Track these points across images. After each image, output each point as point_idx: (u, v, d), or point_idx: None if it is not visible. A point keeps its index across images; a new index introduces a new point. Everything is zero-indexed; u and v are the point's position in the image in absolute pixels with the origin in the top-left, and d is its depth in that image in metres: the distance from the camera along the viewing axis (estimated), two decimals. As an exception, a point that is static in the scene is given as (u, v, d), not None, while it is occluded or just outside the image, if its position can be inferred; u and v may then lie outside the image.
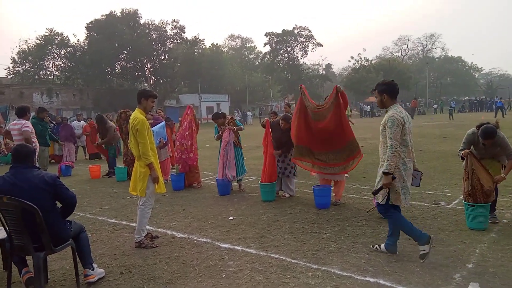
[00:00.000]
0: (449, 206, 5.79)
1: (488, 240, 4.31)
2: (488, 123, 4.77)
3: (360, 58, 60.08)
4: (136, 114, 4.56)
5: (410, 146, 3.96)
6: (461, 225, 4.83)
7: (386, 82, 4.15)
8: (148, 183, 4.54)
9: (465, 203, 4.79)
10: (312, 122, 6.18)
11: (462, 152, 4.87)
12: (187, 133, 7.96)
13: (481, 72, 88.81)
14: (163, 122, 8.03)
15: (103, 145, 10.25)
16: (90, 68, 47.83)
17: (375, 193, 3.98)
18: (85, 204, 6.92)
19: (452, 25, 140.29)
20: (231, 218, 5.65)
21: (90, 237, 4.05)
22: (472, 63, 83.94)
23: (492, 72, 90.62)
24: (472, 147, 4.96)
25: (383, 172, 3.82)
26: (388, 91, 4.01)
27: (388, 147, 3.81)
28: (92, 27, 49.11)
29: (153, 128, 6.35)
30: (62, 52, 49.68)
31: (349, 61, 62.29)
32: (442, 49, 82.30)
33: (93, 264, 3.70)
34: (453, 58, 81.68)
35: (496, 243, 4.22)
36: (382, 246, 4.13)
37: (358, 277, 3.55)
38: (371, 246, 4.26)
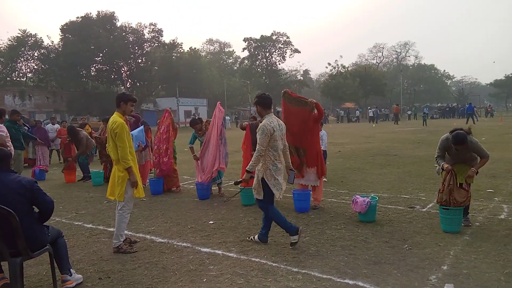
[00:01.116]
0: (424, 209, 5.95)
1: (462, 243, 4.45)
2: (461, 129, 4.95)
3: (337, 64, 61.11)
4: (115, 118, 4.53)
5: (280, 151, 4.53)
6: (435, 228, 4.97)
7: (259, 95, 4.71)
8: (126, 187, 4.49)
9: (439, 206, 4.94)
10: (293, 109, 6.18)
11: (444, 165, 4.98)
12: (164, 137, 7.90)
13: (453, 80, 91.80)
14: (142, 126, 7.95)
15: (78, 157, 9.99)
16: (65, 70, 46.73)
17: (236, 183, 4.90)
18: (61, 209, 6.75)
19: (425, 34, 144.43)
20: (211, 222, 5.64)
21: (67, 243, 3.96)
22: (444, 71, 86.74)
23: (464, 80, 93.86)
24: (446, 152, 5.13)
25: (246, 170, 4.50)
26: (261, 103, 4.59)
27: (256, 151, 4.44)
28: (67, 29, 48.09)
29: (132, 132, 6.27)
30: (36, 54, 48.42)
31: (326, 67, 63.33)
32: (416, 57, 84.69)
33: (71, 269, 3.63)
34: (426, 66, 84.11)
35: (470, 245, 4.37)
36: (256, 237, 4.71)
37: (338, 280, 3.61)
38: (247, 238, 4.82)
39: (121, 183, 4.46)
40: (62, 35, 48.54)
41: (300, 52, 62.21)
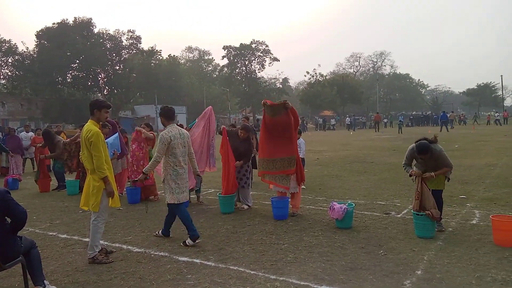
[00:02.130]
0: (399, 215, 6.07)
1: (435, 248, 4.57)
2: (425, 138, 5.10)
3: (315, 73, 61.97)
4: (90, 126, 4.41)
5: (181, 157, 4.97)
6: (410, 234, 5.09)
7: (163, 107, 5.30)
8: (102, 197, 4.39)
9: (413, 212, 5.06)
10: (269, 119, 6.25)
11: (412, 172, 5.20)
12: (140, 154, 7.80)
13: (427, 89, 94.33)
14: (117, 134, 7.83)
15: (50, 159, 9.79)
16: (40, 77, 45.75)
17: (133, 182, 5.81)
18: (34, 219, 6.58)
19: (400, 44, 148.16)
20: (189, 231, 5.60)
21: (41, 253, 3.86)
22: (419, 80, 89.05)
23: (437, 89, 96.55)
24: (415, 160, 5.30)
25: (142, 171, 5.17)
26: (163, 115, 5.15)
27: (153, 156, 5.00)
28: (42, 35, 47.23)
29: (107, 140, 6.17)
30: (10, 60, 47.23)
31: (305, 76, 64.10)
32: (391, 67, 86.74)
33: (44, 281, 3.54)
34: (401, 75, 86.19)
35: (443, 250, 4.49)
36: (160, 232, 5.33)
37: (315, 286, 3.64)
38: (154, 234, 5.42)
39: (96, 193, 4.36)
40: (37, 41, 47.63)
41: (279, 61, 62.91)
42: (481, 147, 16.56)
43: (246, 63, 62.16)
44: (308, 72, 62.47)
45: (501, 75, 78.81)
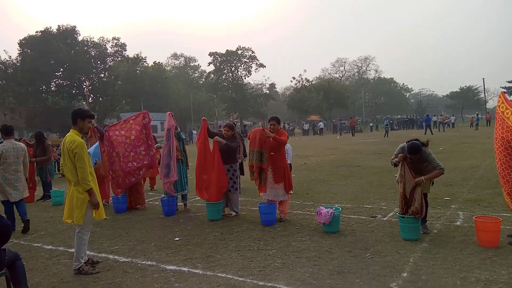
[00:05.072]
0: (385, 218, 6.14)
1: (420, 250, 4.63)
2: (417, 139, 5.19)
3: (301, 78, 62.33)
4: (73, 137, 4.30)
5: (12, 166, 6.31)
6: (396, 236, 5.15)
7: (2, 126, 6.62)
8: (86, 209, 4.31)
9: (399, 215, 5.13)
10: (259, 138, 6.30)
11: (396, 159, 5.22)
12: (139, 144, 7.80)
13: (412, 93, 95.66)
14: (97, 142, 7.75)
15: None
16: (23, 86, 45.10)
17: None
18: (19, 230, 6.46)
19: (385, 49, 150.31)
20: (177, 239, 5.57)
21: (25, 265, 3.80)
22: (403, 84, 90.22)
23: (421, 92, 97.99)
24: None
25: None
26: (2, 131, 6.50)
27: None
28: (25, 43, 46.59)
29: (88, 150, 6.08)
30: (-8, 69, 46.45)
31: (291, 81, 64.38)
32: (376, 71, 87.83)
33: (28, 294, 3.49)
34: (386, 79, 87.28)
35: (428, 252, 4.55)
36: None
37: (303, 291, 3.66)
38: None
39: (81, 205, 4.27)
40: (20, 50, 46.94)
41: (265, 67, 63.05)
42: (465, 149, 16.85)
43: (233, 69, 62.26)
44: (294, 78, 62.82)
45: (483, 78, 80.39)
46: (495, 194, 7.23)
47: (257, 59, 62.08)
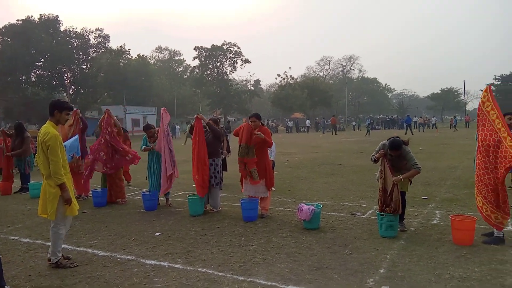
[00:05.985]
0: (364, 216, 6.24)
1: (397, 247, 4.73)
2: (397, 137, 5.30)
3: (286, 76, 62.51)
4: (48, 128, 4.16)
5: None
6: (374, 234, 5.24)
7: None
8: (58, 204, 4.19)
9: (377, 213, 5.23)
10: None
11: (377, 155, 5.31)
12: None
13: (394, 93, 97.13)
14: (77, 135, 7.62)
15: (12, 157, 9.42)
16: (2, 75, 43.78)
17: None
18: (-7, 224, 6.33)
19: (370, 49, 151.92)
20: (157, 233, 5.55)
21: (2, 258, 3.73)
22: (386, 84, 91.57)
23: (403, 93, 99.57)
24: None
25: None
26: None
27: None
28: (5, 32, 45.23)
29: (65, 143, 5.95)
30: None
31: (276, 78, 64.61)
32: (360, 71, 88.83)
33: (5, 286, 3.43)
34: (369, 79, 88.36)
35: (405, 249, 4.65)
36: None
37: (282, 286, 3.70)
38: None
39: (53, 200, 4.15)
40: (0, 38, 45.59)
41: (250, 63, 63.09)
42: (444, 149, 17.23)
43: (218, 65, 62.01)
44: (279, 75, 63.11)
45: (464, 80, 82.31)
46: (471, 194, 7.39)
47: (242, 55, 62.06)
